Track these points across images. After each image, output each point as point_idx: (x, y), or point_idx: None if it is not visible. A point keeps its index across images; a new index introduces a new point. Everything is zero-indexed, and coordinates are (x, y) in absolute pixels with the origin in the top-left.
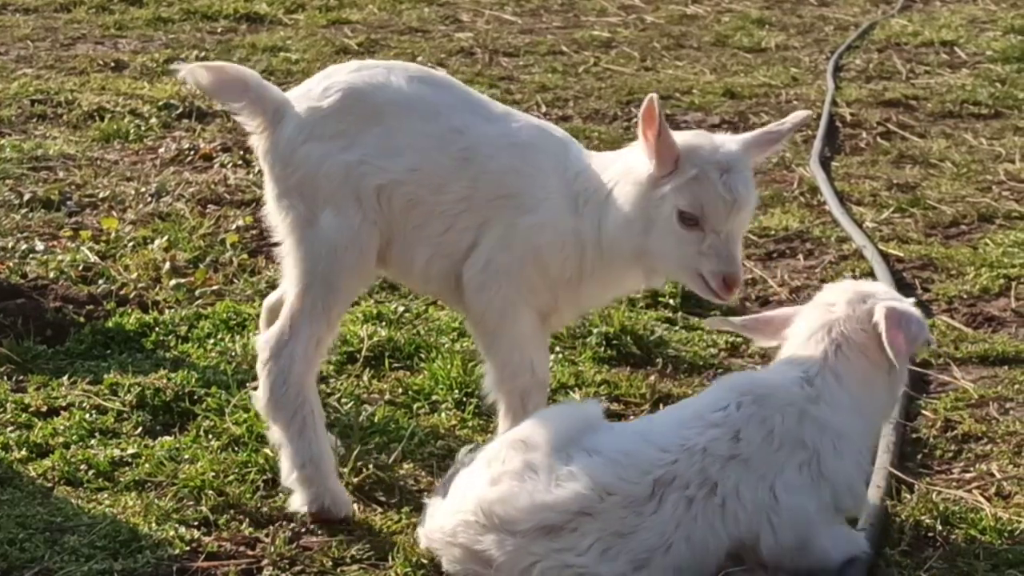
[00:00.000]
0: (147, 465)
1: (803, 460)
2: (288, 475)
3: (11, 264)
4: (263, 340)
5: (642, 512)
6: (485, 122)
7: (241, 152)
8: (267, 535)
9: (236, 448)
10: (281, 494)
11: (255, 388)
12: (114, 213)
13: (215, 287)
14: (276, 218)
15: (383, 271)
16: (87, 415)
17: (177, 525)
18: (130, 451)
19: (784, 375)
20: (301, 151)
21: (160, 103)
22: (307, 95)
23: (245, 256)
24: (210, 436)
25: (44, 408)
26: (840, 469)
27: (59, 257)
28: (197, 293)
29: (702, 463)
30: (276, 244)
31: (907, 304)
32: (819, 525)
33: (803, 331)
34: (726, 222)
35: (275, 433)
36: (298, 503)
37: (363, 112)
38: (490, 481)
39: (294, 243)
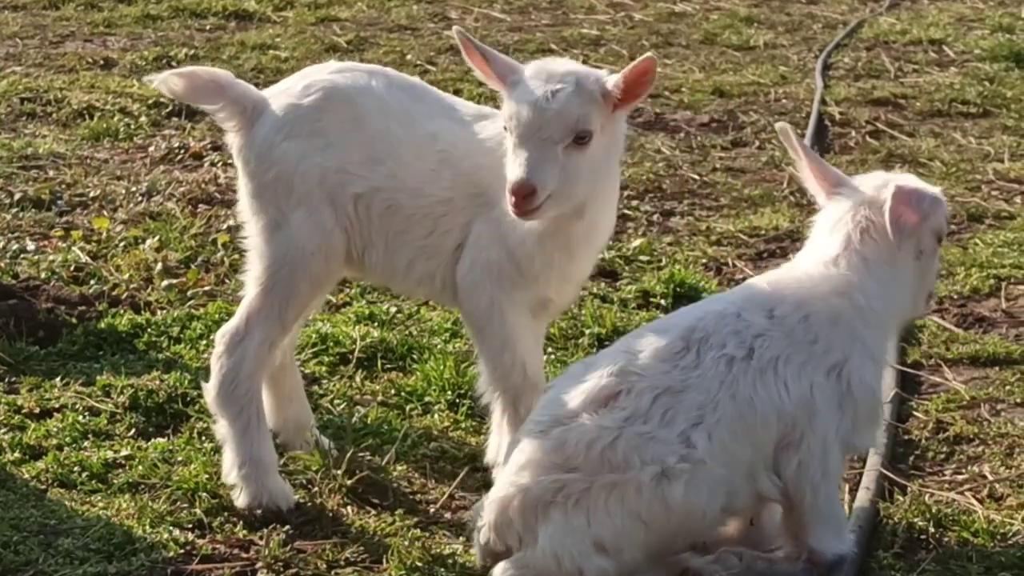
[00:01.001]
0: (140, 467)
1: (834, 364)
2: (228, 471)
3: (2, 264)
4: (220, 333)
5: (682, 365)
6: (457, 125)
7: (231, 151)
8: (261, 538)
9: (222, 456)
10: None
11: (207, 381)
12: (105, 212)
13: (207, 288)
14: (248, 216)
15: (362, 276)
16: (80, 417)
17: (171, 528)
18: (123, 453)
19: (812, 272)
20: (279, 148)
21: (149, 101)
22: (286, 93)
23: (236, 256)
24: (203, 438)
25: (37, 410)
26: (866, 386)
27: (50, 257)
28: (189, 294)
29: (735, 326)
30: (245, 238)
31: (924, 184)
32: (838, 462)
33: (829, 218)
34: (520, 126)
35: (220, 428)
36: (241, 502)
37: (344, 114)
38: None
39: (262, 243)
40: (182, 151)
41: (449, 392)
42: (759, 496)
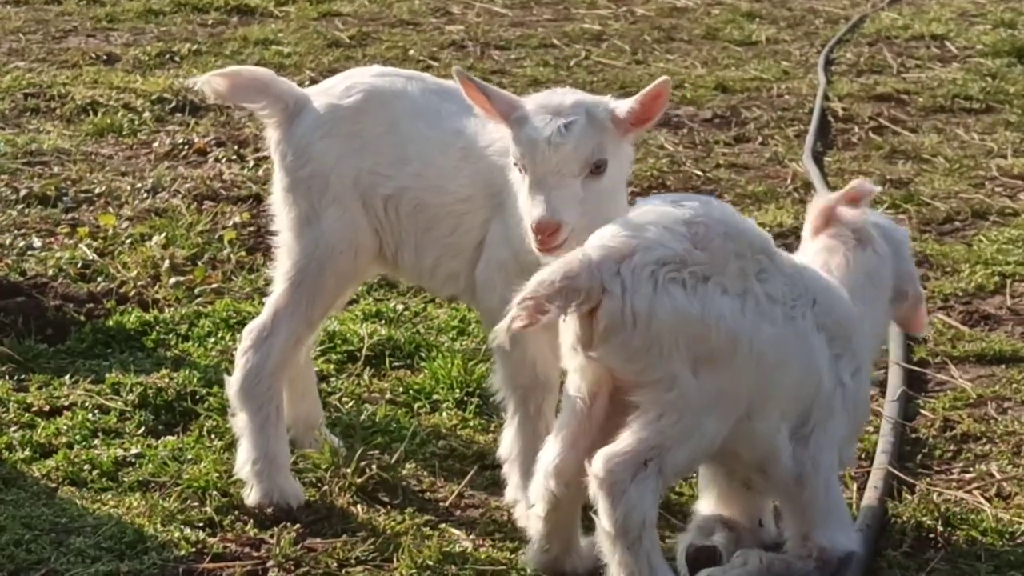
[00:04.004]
0: (151, 465)
1: (856, 369)
2: (242, 466)
3: (9, 262)
4: (247, 328)
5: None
6: (481, 122)
7: (235, 147)
8: (272, 536)
9: (237, 450)
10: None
11: (229, 374)
12: (111, 209)
13: (214, 285)
14: (280, 210)
15: (396, 275)
16: (90, 415)
17: (182, 526)
18: (133, 451)
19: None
20: (317, 146)
21: (153, 97)
22: (328, 92)
23: (243, 253)
24: (213, 436)
25: (47, 408)
26: (863, 395)
27: (57, 254)
28: (196, 291)
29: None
30: (274, 233)
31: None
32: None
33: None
34: (536, 163)
35: (239, 421)
36: (251, 499)
37: (380, 118)
38: None
39: (292, 238)
40: (186, 147)
41: (457, 390)
42: (778, 474)
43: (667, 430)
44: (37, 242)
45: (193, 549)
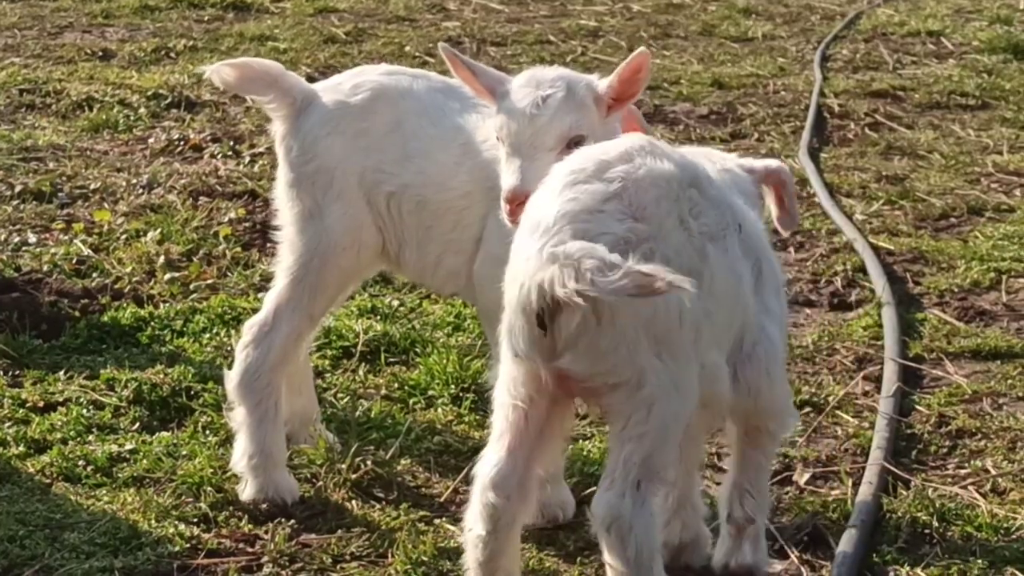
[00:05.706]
0: (145, 461)
1: (761, 269)
2: (238, 461)
3: (4, 257)
4: (248, 323)
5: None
6: (481, 118)
7: (231, 143)
8: (266, 532)
9: (233, 444)
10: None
11: (228, 369)
12: (106, 205)
13: (209, 281)
14: (283, 204)
15: (399, 272)
16: (84, 410)
17: (177, 522)
18: (128, 447)
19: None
20: (324, 142)
21: (149, 93)
22: (336, 89)
23: (238, 249)
24: (207, 432)
25: (41, 403)
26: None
27: (52, 250)
28: (191, 287)
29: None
30: (277, 228)
31: None
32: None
33: None
34: (513, 133)
35: (237, 416)
36: (246, 494)
37: (386, 116)
38: None
39: (295, 233)
40: (182, 143)
41: (452, 386)
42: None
43: (644, 433)
44: (32, 238)
45: (187, 545)
